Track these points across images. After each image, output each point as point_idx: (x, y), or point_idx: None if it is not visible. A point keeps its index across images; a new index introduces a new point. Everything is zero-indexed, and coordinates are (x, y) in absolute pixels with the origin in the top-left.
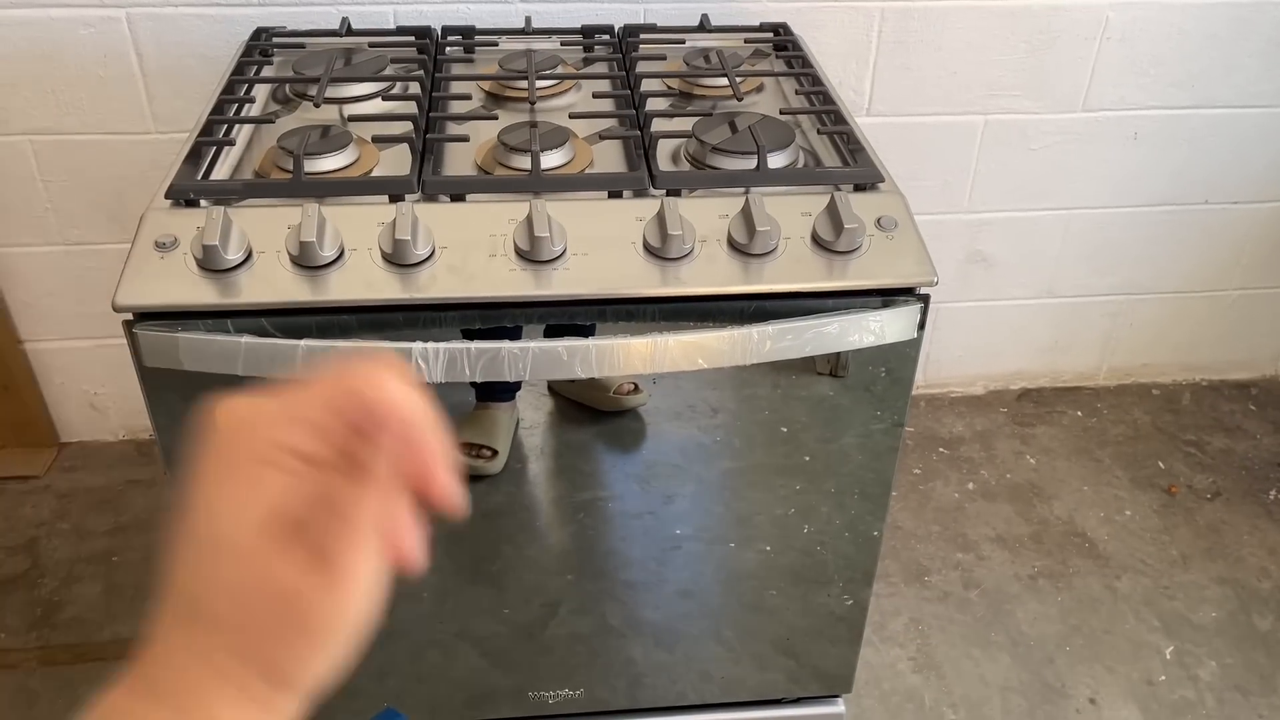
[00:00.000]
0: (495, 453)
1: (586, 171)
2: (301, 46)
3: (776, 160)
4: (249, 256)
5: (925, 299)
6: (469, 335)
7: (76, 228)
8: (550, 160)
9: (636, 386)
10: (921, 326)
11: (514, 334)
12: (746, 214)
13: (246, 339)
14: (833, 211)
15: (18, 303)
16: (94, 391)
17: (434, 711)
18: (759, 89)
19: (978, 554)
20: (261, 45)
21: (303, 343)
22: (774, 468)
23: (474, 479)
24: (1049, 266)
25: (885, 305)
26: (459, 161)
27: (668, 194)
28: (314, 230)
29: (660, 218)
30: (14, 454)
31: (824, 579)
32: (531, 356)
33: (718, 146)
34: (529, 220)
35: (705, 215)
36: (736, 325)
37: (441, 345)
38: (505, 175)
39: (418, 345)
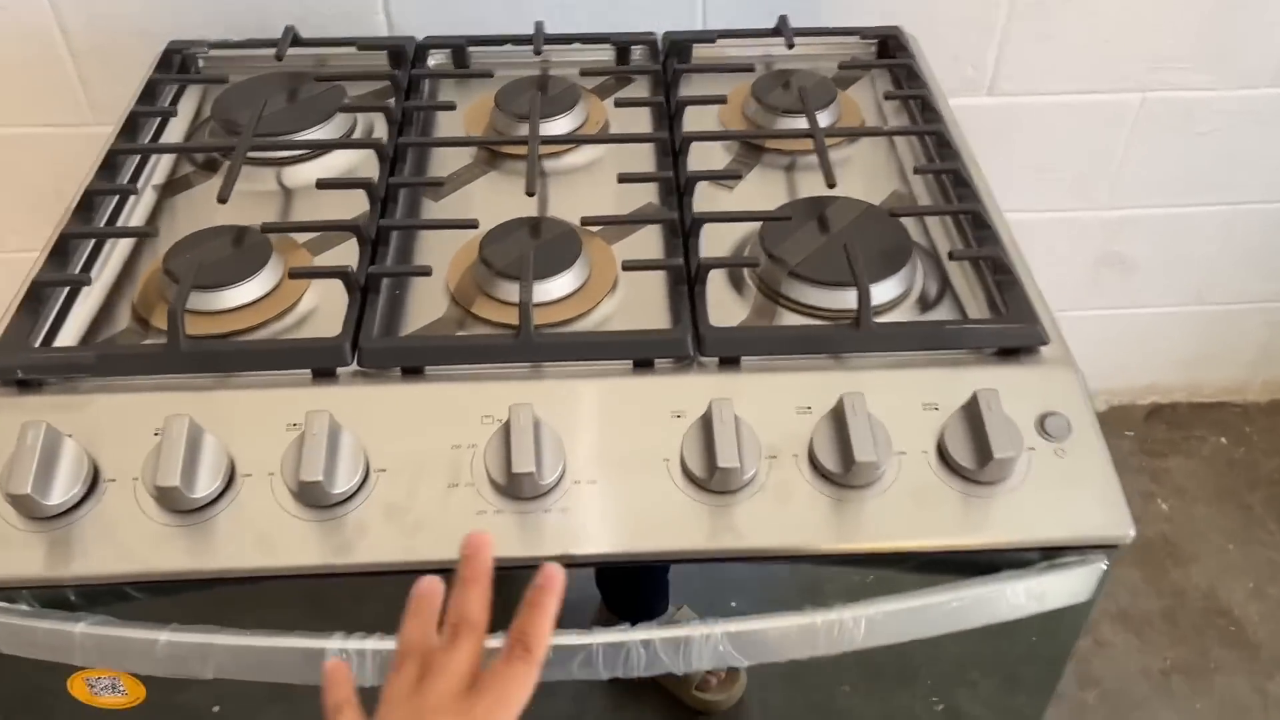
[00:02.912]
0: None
1: (598, 322)
2: (224, 81)
3: (883, 291)
4: (92, 488)
5: (1113, 549)
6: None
7: (16, 234)
8: (551, 290)
9: (731, 674)
10: (1101, 586)
11: None
12: (839, 425)
13: (82, 629)
14: (973, 422)
15: None
16: None
17: None
18: (853, 139)
19: (1097, 639)
20: (173, 78)
21: (163, 636)
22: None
23: None
24: (1200, 270)
25: (1050, 563)
26: (425, 290)
27: (721, 364)
28: (176, 468)
29: (706, 430)
30: None
31: None
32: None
33: (797, 271)
34: (506, 437)
35: (777, 406)
36: (818, 607)
37: (369, 646)
38: (482, 337)
39: (337, 644)
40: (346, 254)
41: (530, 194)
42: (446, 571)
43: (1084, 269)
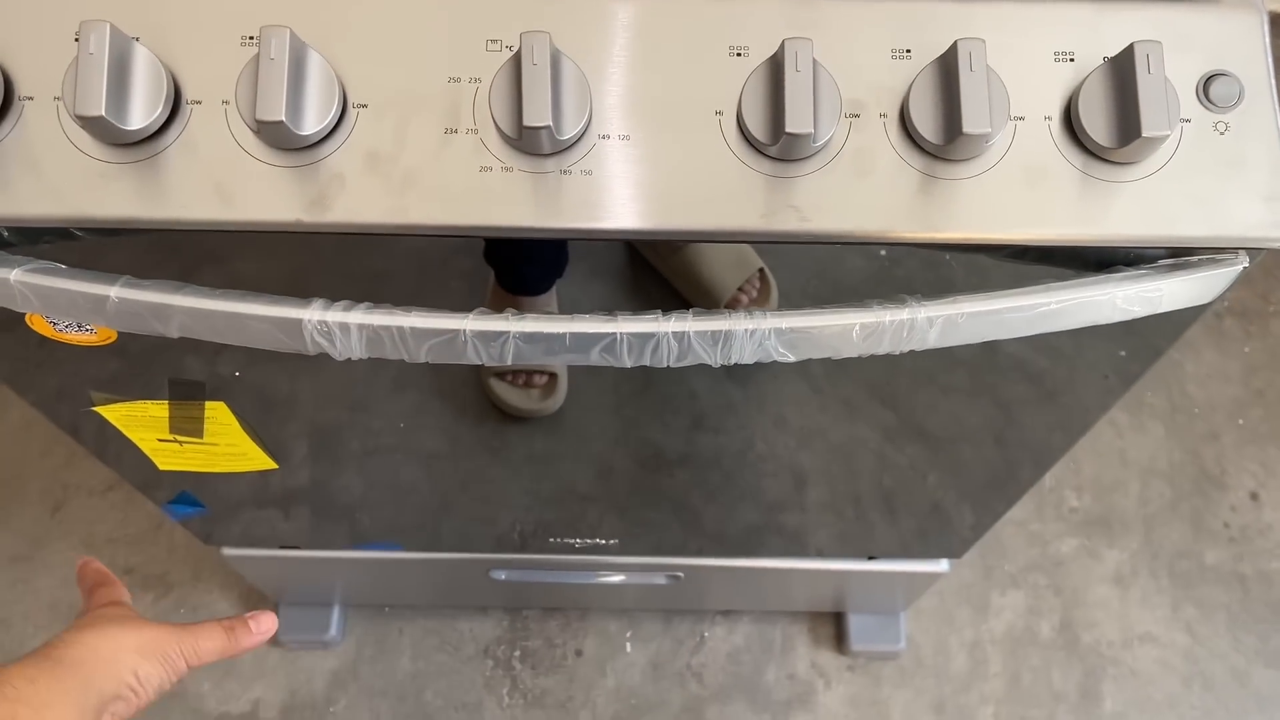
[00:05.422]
0: (552, 378)
1: None
2: None
3: None
4: (6, 107)
5: (1256, 251)
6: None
7: None
8: None
9: (764, 281)
10: (1232, 287)
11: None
12: (948, 81)
13: (17, 275)
14: (1121, 85)
15: None
16: None
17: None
18: None
19: None
20: None
21: (114, 291)
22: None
23: (520, 422)
24: None
25: (1176, 261)
26: None
27: None
28: (100, 94)
29: (774, 79)
30: None
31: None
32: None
33: None
34: (516, 76)
35: (867, 45)
36: (888, 301)
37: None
38: None
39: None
40: None
41: None
42: (440, 238)
43: None
